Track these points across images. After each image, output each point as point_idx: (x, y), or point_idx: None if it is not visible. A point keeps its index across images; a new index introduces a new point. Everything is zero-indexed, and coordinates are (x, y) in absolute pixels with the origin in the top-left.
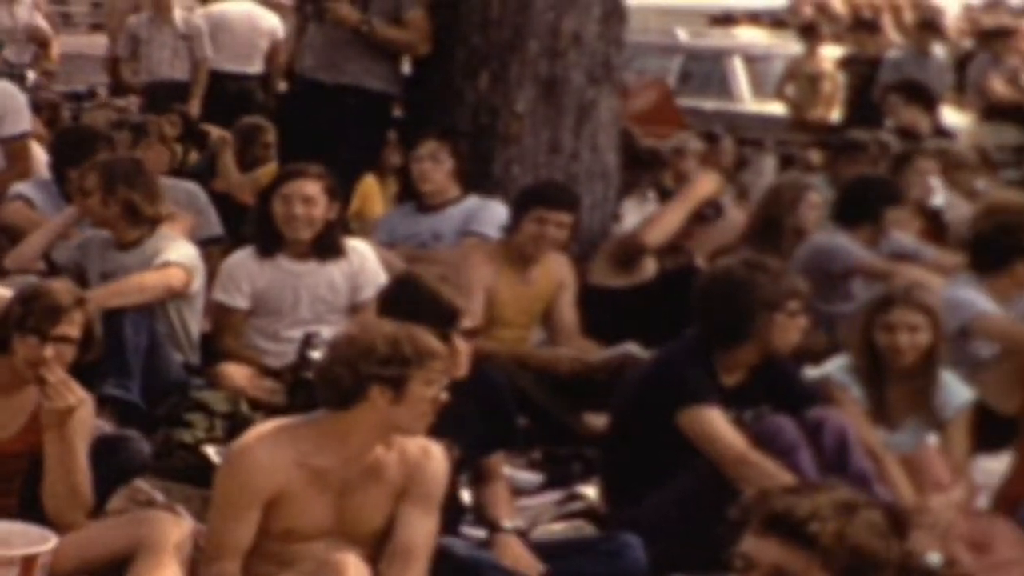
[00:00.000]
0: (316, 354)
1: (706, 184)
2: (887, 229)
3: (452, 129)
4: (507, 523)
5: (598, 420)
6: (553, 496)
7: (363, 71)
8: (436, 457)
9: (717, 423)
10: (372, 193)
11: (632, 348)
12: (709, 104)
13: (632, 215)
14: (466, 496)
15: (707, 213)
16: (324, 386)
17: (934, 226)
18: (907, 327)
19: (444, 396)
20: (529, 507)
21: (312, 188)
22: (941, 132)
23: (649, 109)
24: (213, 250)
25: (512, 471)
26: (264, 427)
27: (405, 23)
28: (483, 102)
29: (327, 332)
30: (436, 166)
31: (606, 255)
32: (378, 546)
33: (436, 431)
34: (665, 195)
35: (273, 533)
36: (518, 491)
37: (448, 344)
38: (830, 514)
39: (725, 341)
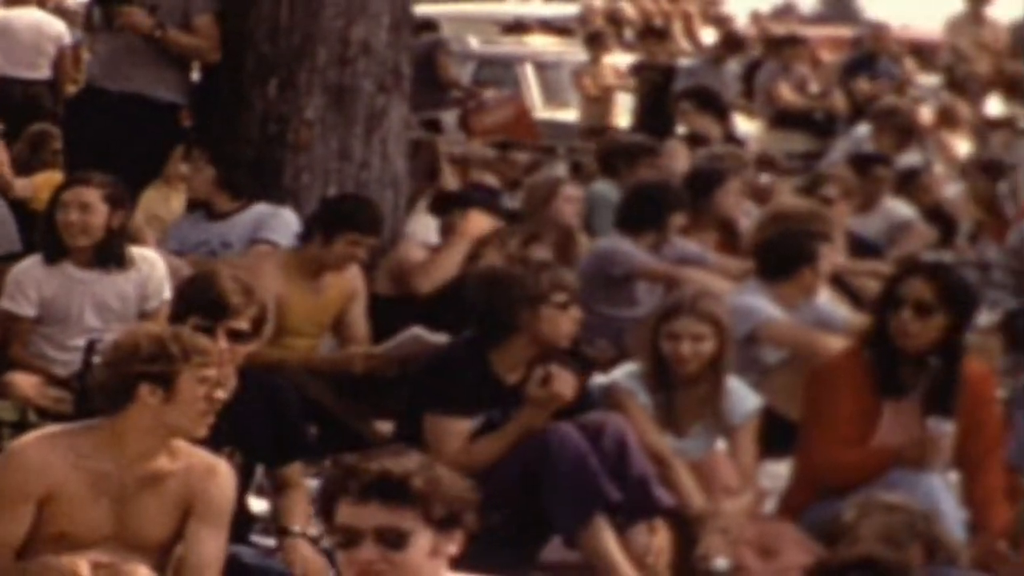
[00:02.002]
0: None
1: (476, 224)
2: (671, 234)
3: (240, 137)
4: (296, 527)
5: (388, 426)
6: None
7: (151, 80)
8: (223, 475)
9: (443, 436)
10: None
11: (418, 331)
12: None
13: (417, 220)
14: (256, 505)
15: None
16: (96, 391)
17: (729, 238)
18: (691, 336)
19: (222, 395)
20: None
21: (91, 195)
22: (732, 139)
23: (505, 124)
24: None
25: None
26: (44, 430)
27: (194, 29)
28: (272, 110)
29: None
30: (196, 174)
31: (388, 271)
32: (164, 558)
33: (220, 439)
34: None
35: (47, 537)
36: (310, 500)
37: (212, 338)
38: (419, 470)
39: (496, 338)
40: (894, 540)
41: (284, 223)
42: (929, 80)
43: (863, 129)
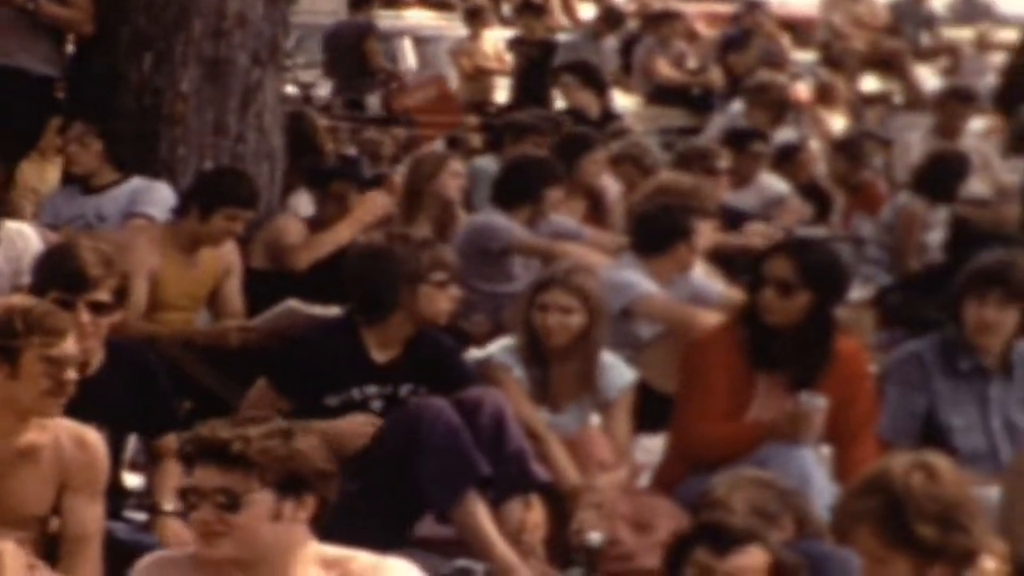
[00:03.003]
0: None
1: (370, 208)
2: (547, 210)
3: (115, 110)
4: (168, 506)
5: None
6: None
7: (24, 53)
8: (92, 444)
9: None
10: None
11: (293, 304)
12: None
13: (299, 196)
14: (129, 480)
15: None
16: None
17: (596, 209)
18: (559, 308)
19: (72, 376)
20: None
21: None
22: (610, 116)
23: (428, 103)
24: None
25: None
26: None
27: (68, 2)
28: (147, 83)
29: None
30: (83, 149)
31: (263, 246)
32: (42, 531)
33: (88, 414)
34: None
35: None
36: None
37: (73, 312)
38: (256, 436)
39: (373, 315)
40: (766, 513)
41: (159, 197)
42: (806, 56)
43: (739, 105)
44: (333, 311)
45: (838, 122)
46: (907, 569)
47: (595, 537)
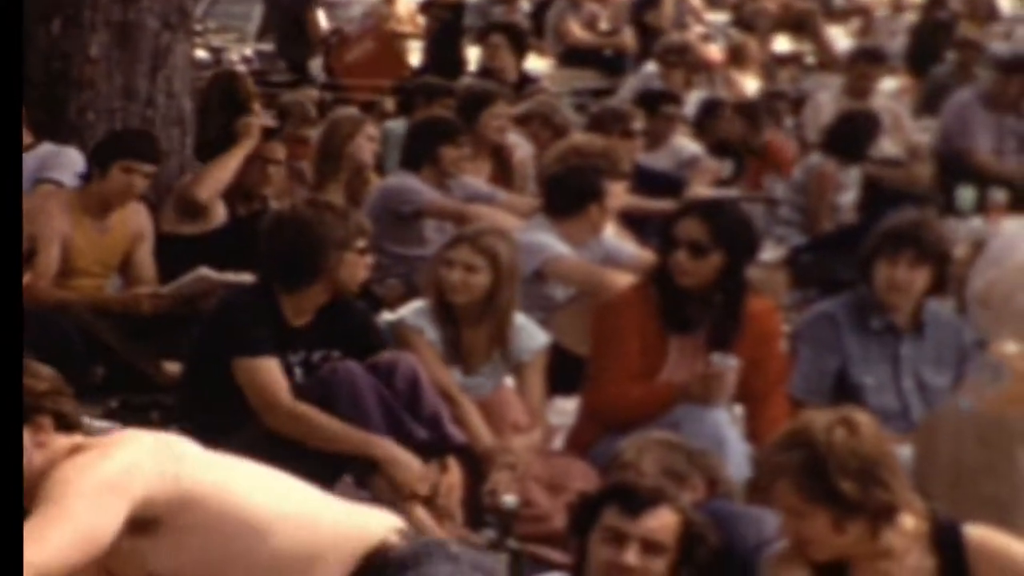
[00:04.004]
0: None
1: (249, 134)
2: (449, 169)
3: (23, 75)
4: None
5: (176, 367)
6: None
7: None
8: None
9: (266, 376)
10: None
11: (205, 271)
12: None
13: None
14: None
15: (279, 159)
16: None
17: (502, 168)
18: (464, 266)
19: None
20: None
21: None
22: (527, 78)
23: (367, 58)
24: None
25: (88, 420)
26: None
27: None
28: (56, 47)
29: None
30: None
31: (172, 204)
32: None
33: None
34: None
35: None
36: None
37: None
38: None
39: (293, 282)
40: (676, 474)
41: (68, 162)
42: (718, 18)
43: (652, 66)
44: (245, 278)
45: (751, 83)
46: (826, 523)
47: (509, 499)
